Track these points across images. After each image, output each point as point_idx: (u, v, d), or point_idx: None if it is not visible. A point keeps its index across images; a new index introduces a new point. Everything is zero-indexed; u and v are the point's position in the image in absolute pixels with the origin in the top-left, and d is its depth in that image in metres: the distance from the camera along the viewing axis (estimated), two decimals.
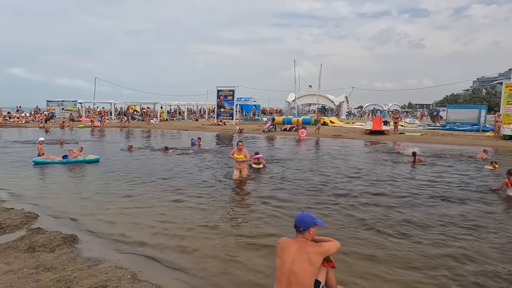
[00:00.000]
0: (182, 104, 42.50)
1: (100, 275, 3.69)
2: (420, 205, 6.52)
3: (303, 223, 3.13)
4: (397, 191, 7.59)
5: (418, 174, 9.67)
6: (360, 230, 5.19)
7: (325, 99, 46.61)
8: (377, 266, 4.07)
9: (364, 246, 4.63)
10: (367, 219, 5.65)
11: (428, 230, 5.22)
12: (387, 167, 10.85)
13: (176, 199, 6.75)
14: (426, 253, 4.40)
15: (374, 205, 6.46)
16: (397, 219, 5.70)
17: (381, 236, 4.97)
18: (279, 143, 18.13)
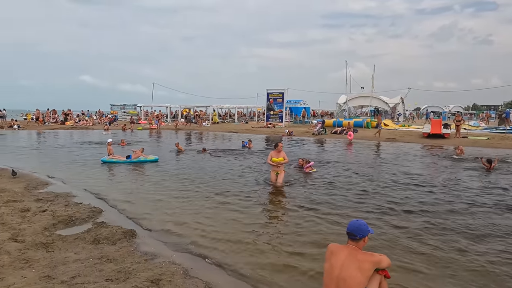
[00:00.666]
0: (232, 107, 43.51)
1: (155, 269, 3.93)
2: (484, 216, 6.00)
3: (360, 231, 3.04)
4: (456, 200, 7.05)
5: (485, 182, 8.89)
6: (413, 242, 4.92)
7: (379, 101, 44.74)
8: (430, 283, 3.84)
9: (415, 260, 4.38)
10: (422, 232, 5.33)
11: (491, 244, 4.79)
12: (445, 173, 10.12)
13: (223, 201, 6.93)
14: (491, 272, 4.05)
15: (428, 215, 6.07)
16: (457, 230, 5.30)
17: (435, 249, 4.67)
18: (328, 146, 17.78)
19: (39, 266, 3.96)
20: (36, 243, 4.57)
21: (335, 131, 24.35)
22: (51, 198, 6.85)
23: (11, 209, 6.00)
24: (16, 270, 3.81)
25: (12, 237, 4.72)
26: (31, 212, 5.92)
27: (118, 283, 3.61)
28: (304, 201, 6.93)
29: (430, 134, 20.85)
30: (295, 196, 7.36)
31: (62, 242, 4.70)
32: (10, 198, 6.72)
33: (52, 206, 6.26)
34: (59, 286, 3.52)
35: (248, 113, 48.57)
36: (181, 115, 40.19)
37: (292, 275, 3.95)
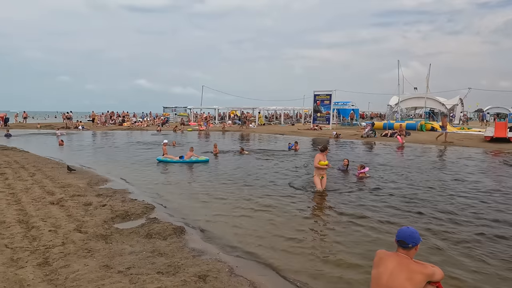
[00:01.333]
0: (279, 109, 43.60)
1: (202, 265, 4.09)
2: None
3: (412, 239, 2.89)
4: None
5: None
6: (463, 256, 4.58)
7: (434, 101, 42.17)
8: None
9: (466, 274, 4.07)
10: (474, 246, 4.95)
11: None
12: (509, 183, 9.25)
13: (267, 204, 6.98)
14: None
15: (483, 228, 5.61)
16: None
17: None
18: (378, 150, 17.11)
19: (99, 256, 4.31)
20: (97, 235, 4.98)
21: (386, 134, 23.35)
22: (110, 194, 7.41)
23: (76, 203, 6.59)
24: (79, 259, 4.18)
25: (77, 228, 5.19)
26: (92, 206, 6.45)
27: (168, 276, 3.81)
28: (350, 207, 6.76)
29: (494, 138, 19.18)
30: (340, 201, 7.20)
31: (119, 235, 5.07)
32: (75, 193, 7.38)
33: (110, 201, 6.77)
34: (116, 275, 3.80)
35: (294, 115, 48.33)
36: (228, 116, 41.15)
37: (336, 281, 3.89)
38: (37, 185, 7.99)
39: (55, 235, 4.87)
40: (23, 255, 4.20)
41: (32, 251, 4.34)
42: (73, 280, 3.64)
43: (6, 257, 4.14)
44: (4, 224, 5.26)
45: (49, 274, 3.80)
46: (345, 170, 10.45)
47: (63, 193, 7.27)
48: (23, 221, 5.45)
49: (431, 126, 27.01)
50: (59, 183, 8.30)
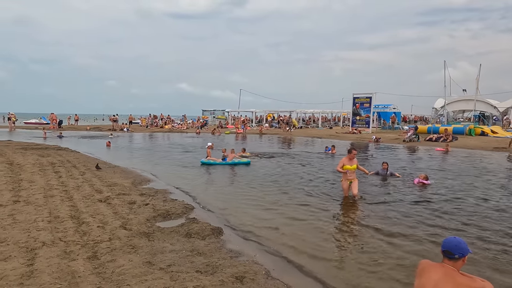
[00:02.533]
0: (316, 111, 43.07)
1: (239, 266, 4.16)
2: None
3: (459, 249, 2.71)
4: None
5: None
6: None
7: (485, 104, 39.51)
8: None
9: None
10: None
11: None
12: None
13: (305, 208, 6.93)
14: None
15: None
16: None
17: None
18: (421, 155, 16.33)
19: (142, 252, 4.52)
20: (140, 232, 5.23)
21: (430, 138, 22.22)
22: (152, 194, 7.74)
23: (122, 201, 6.97)
24: (125, 254, 4.42)
25: (122, 225, 5.49)
26: (136, 204, 6.78)
27: (206, 275, 3.91)
28: (383, 219, 6.52)
29: None
30: (372, 211, 6.96)
31: (160, 233, 5.29)
32: (121, 191, 7.80)
33: (153, 201, 7.08)
34: (158, 271, 3.97)
35: (332, 118, 47.51)
36: (265, 119, 41.35)
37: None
38: (87, 183, 8.54)
39: (103, 231, 5.18)
40: (74, 249, 4.52)
41: (82, 245, 4.65)
42: (118, 274, 3.86)
43: (60, 249, 4.47)
44: (58, 219, 5.68)
45: (97, 267, 4.06)
46: (385, 174, 10.06)
47: (110, 192, 7.71)
48: (74, 217, 5.85)
49: (481, 131, 25.31)
50: (106, 182, 8.81)
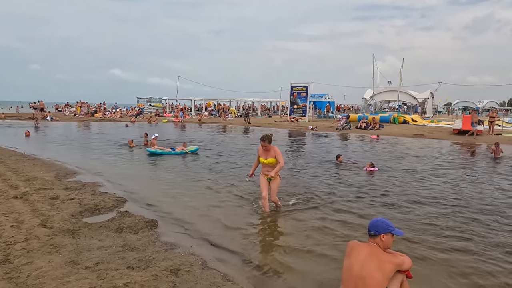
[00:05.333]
0: (256, 100, 43.51)
1: (174, 259, 4.00)
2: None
3: (375, 227, 2.97)
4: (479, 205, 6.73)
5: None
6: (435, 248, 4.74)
7: (407, 95, 43.43)
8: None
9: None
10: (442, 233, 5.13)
11: None
12: (475, 173, 9.67)
13: (243, 197, 6.94)
14: None
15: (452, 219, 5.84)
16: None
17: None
18: (352, 142, 17.44)
19: (65, 251, 4.11)
20: (64, 230, 4.75)
21: (360, 126, 23.84)
22: (79, 187, 7.11)
23: (42, 196, 6.28)
24: (44, 255, 3.98)
25: (42, 223, 4.93)
26: (59, 200, 6.16)
27: (139, 271, 3.69)
28: (320, 202, 6.81)
29: (461, 131, 19.99)
30: (308, 197, 7.24)
31: (87, 230, 4.87)
32: (41, 186, 7.03)
33: (79, 195, 6.50)
34: (83, 271, 3.64)
35: (271, 107, 48.43)
36: (205, 108, 40.68)
37: (308, 272, 3.91)
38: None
39: (18, 231, 4.60)
40: None
41: None
42: (36, 278, 3.45)
43: None
44: None
45: (9, 272, 3.59)
46: (340, 164, 10.39)
47: (28, 187, 6.91)
48: None
49: (403, 119, 27.82)
50: (23, 176, 7.88)
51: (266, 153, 5.64)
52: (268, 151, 5.61)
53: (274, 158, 5.57)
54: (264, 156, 5.67)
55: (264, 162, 5.68)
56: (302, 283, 3.67)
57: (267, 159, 5.63)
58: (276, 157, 5.57)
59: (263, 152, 5.67)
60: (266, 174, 5.68)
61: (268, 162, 5.63)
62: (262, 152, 5.69)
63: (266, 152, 5.64)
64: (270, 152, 5.61)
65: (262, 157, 5.71)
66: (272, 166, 5.61)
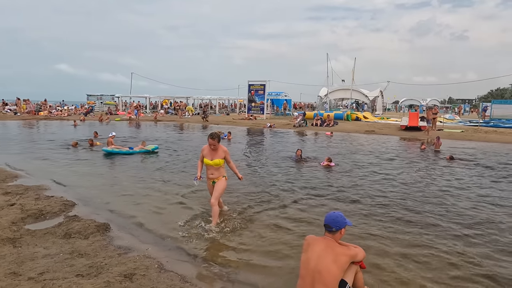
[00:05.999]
0: (213, 98, 43.07)
1: (129, 263, 3.82)
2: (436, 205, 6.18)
3: (336, 223, 3.04)
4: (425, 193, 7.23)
5: (454, 174, 9.17)
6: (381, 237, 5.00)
7: (359, 93, 45.38)
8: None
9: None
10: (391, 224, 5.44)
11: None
12: (421, 165, 10.37)
13: (195, 196, 6.84)
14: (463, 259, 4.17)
15: (399, 206, 6.21)
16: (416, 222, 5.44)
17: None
18: (309, 138, 17.91)
19: (5, 262, 3.77)
20: (3, 239, 4.35)
21: (316, 123, 24.53)
22: (20, 192, 6.55)
23: None
24: None
25: None
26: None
27: (89, 278, 3.48)
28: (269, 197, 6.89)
29: (408, 127, 21.34)
30: (261, 192, 7.30)
31: (30, 237, 4.50)
32: None
33: (21, 200, 5.99)
34: (26, 282, 3.36)
35: (229, 105, 48.24)
36: (161, 106, 39.53)
37: (269, 269, 3.94)
38: None
39: None
40: None
41: None
42: None
43: None
44: None
45: None
46: (299, 160, 10.54)
47: None
48: None
49: (356, 116, 29.10)
50: None
51: (213, 153, 5.10)
52: (216, 150, 5.10)
53: (221, 159, 5.09)
54: (210, 157, 5.10)
55: (210, 163, 5.08)
56: (261, 280, 3.68)
57: (213, 160, 5.07)
58: (225, 157, 5.15)
59: (210, 152, 5.11)
60: (210, 177, 5.21)
61: (214, 163, 5.08)
62: (209, 152, 5.12)
63: (213, 152, 5.10)
64: (218, 152, 5.10)
65: (207, 157, 5.11)
66: (217, 168, 5.13)
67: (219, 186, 5.15)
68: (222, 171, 5.24)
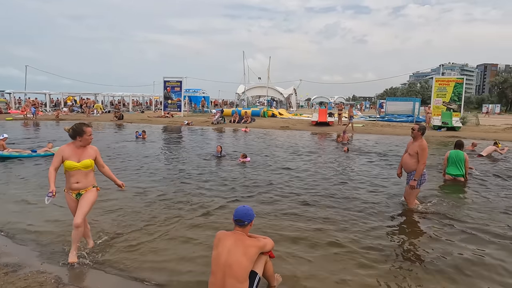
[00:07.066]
0: (126, 95, 40.47)
1: (18, 282, 3.35)
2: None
3: (247, 216, 3.10)
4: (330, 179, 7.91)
5: (349, 163, 10.19)
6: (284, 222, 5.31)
7: (274, 91, 47.35)
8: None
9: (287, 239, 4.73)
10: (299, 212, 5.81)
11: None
12: (325, 157, 11.29)
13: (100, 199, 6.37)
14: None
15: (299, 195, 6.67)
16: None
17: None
18: (227, 135, 18.05)
19: None
20: None
21: (234, 120, 24.85)
22: None
23: None
24: None
25: None
26: None
27: None
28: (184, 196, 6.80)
29: (318, 122, 23.01)
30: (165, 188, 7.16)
31: None
32: None
33: None
34: None
35: (144, 102, 45.91)
36: (64, 103, 35.72)
37: (176, 270, 3.84)
38: None
39: None
40: None
41: None
42: None
43: None
44: None
45: None
46: (219, 156, 10.47)
47: None
48: None
49: (272, 113, 30.31)
50: None
51: (79, 152, 3.87)
52: (84, 148, 3.93)
53: (92, 159, 3.94)
54: (76, 158, 3.83)
55: (76, 166, 3.81)
56: (172, 281, 3.56)
57: (81, 162, 3.84)
58: (96, 158, 4.01)
59: (74, 151, 3.86)
60: (74, 187, 3.87)
61: (83, 166, 3.85)
62: (73, 152, 3.86)
63: (79, 152, 3.88)
64: (87, 150, 3.94)
65: (72, 159, 3.82)
66: (86, 173, 3.90)
67: (88, 199, 3.87)
68: (92, 179, 3.99)
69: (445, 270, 3.80)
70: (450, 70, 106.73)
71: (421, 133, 5.63)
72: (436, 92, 24.67)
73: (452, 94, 24.17)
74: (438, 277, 3.65)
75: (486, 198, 6.52)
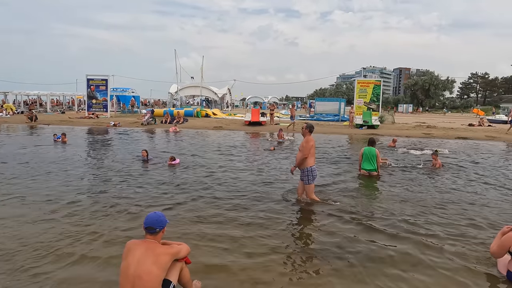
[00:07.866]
0: (43, 94, 36.67)
1: None
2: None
3: (159, 223, 2.96)
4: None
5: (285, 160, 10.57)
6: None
7: (208, 91, 46.94)
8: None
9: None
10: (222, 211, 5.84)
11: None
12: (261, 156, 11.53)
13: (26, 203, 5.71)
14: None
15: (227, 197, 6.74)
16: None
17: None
18: (157, 137, 17.39)
19: None
20: None
21: (165, 121, 24.05)
22: None
23: None
24: None
25: None
26: None
27: None
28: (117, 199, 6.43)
29: (251, 122, 23.35)
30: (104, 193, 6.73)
31: None
32: None
33: None
34: None
35: (66, 101, 42.11)
36: None
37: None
38: None
39: None
40: None
41: None
42: None
43: None
44: None
45: None
46: (146, 160, 9.98)
47: None
48: None
49: (206, 113, 29.99)
50: None
51: None
52: None
53: None
54: None
55: None
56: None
57: None
58: None
59: None
60: None
61: None
62: None
63: None
64: None
65: None
66: None
67: None
68: None
69: (335, 261, 4.11)
70: (372, 72, 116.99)
71: (309, 130, 6.14)
72: (358, 93, 26.65)
73: (372, 95, 26.35)
74: (325, 268, 3.93)
75: (391, 191, 7.23)
